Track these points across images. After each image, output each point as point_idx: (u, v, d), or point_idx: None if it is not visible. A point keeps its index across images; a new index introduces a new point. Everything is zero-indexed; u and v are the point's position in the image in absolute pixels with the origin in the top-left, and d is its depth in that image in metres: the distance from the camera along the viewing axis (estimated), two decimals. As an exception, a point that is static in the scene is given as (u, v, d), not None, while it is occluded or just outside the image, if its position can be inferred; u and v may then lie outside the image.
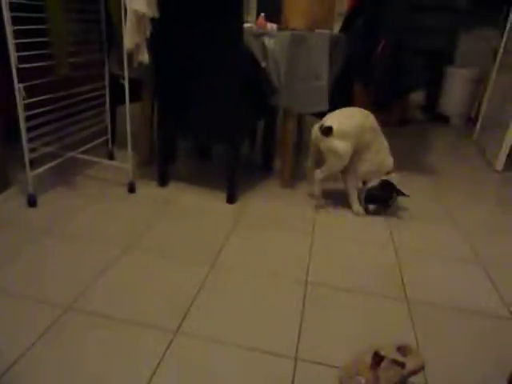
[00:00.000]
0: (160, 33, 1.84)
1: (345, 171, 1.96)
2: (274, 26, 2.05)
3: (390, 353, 1.10)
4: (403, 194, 1.95)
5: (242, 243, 1.67)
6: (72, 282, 1.36)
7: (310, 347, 1.18)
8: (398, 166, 2.07)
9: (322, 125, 1.85)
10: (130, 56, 1.81)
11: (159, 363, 1.08)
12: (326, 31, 2.22)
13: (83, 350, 1.11)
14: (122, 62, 1.81)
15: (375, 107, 2.24)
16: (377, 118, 1.96)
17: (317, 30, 2.16)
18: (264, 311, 1.31)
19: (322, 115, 1.95)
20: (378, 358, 1.06)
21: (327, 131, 1.82)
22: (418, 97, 4.17)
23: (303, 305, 1.35)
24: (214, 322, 1.24)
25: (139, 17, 1.67)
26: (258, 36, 1.89)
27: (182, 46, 1.84)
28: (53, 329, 1.16)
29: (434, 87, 4.04)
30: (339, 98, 2.26)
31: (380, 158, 1.94)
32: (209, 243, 1.65)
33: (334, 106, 2.03)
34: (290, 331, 1.23)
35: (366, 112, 1.93)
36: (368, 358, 1.08)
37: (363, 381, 1.03)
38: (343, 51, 2.34)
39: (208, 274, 1.46)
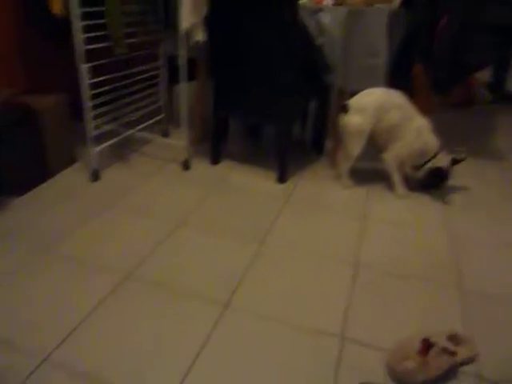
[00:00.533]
0: (216, 12, 1.84)
1: (382, 152, 1.92)
2: (330, 1, 1.99)
3: (441, 340, 1.08)
4: (458, 162, 1.88)
5: (291, 223, 1.69)
6: (130, 253, 1.45)
7: (358, 328, 1.18)
8: (460, 150, 1.97)
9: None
10: (187, 35, 1.84)
11: (209, 334, 1.14)
12: (385, 6, 2.12)
13: (139, 315, 1.19)
14: (178, 42, 1.85)
15: (436, 87, 2.13)
16: (438, 98, 1.87)
17: (375, 5, 2.07)
18: (312, 291, 1.32)
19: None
20: (427, 344, 1.05)
21: (344, 108, 1.83)
22: (483, 75, 3.89)
23: (352, 287, 1.35)
24: (263, 298, 1.28)
25: (196, -4, 1.68)
26: (314, 12, 1.85)
27: (238, 24, 1.84)
28: (112, 294, 1.26)
29: (503, 64, 3.75)
30: (397, 77, 2.17)
31: (421, 139, 1.86)
32: (258, 222, 1.68)
33: (391, 86, 1.96)
34: (338, 311, 1.24)
35: (392, 91, 1.86)
36: (416, 343, 1.07)
37: (411, 365, 1.03)
38: (403, 27, 2.22)
39: (257, 251, 1.50)
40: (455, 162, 1.87)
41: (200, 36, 1.80)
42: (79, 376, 1.00)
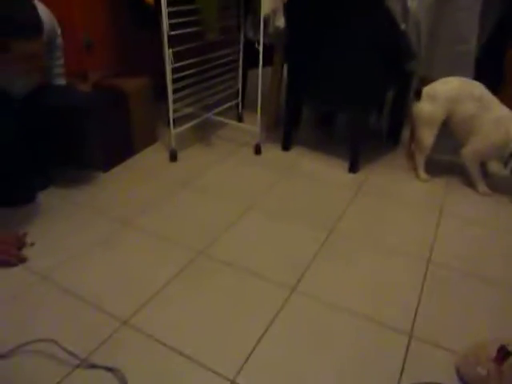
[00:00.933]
0: (296, -4, 1.83)
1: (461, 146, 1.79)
2: (419, -17, 1.87)
3: (520, 350, 1.01)
4: None
5: (362, 214, 1.66)
6: (204, 231, 1.52)
7: (427, 327, 1.15)
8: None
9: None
10: (266, 21, 1.85)
11: (275, 317, 1.17)
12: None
13: (210, 291, 1.25)
14: (258, 27, 1.87)
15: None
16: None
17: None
18: (381, 283, 1.30)
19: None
20: (504, 352, 0.99)
21: (417, 95, 1.77)
22: None
23: (423, 283, 1.30)
24: (330, 286, 1.29)
25: (279, -19, 1.68)
26: (400, -4, 1.76)
27: (319, 8, 1.80)
28: (187, 269, 1.34)
29: None
30: (488, 64, 2.01)
31: (502, 131, 1.69)
32: (328, 210, 1.67)
33: (481, 74, 1.82)
34: (407, 307, 1.21)
35: (470, 81, 1.73)
36: (492, 350, 1.02)
37: (484, 372, 0.98)
38: (497, 11, 2.03)
39: (326, 239, 1.50)
40: None
41: (280, 22, 1.80)
42: (152, 340, 1.08)
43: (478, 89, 1.73)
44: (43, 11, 1.33)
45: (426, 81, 1.92)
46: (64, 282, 1.26)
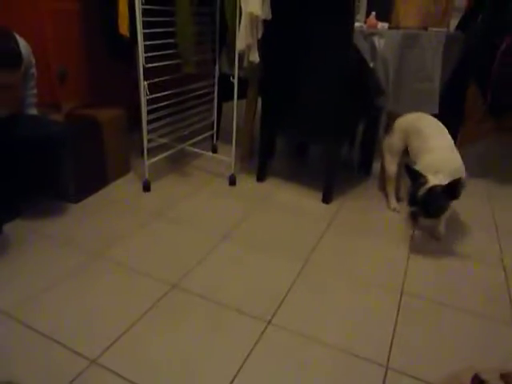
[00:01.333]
0: (270, 33, 1.90)
1: None
2: (385, 25, 1.99)
3: (492, 378, 1.02)
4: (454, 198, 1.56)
5: (336, 244, 1.68)
6: (177, 263, 1.49)
7: (403, 358, 1.15)
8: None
9: None
10: (240, 56, 1.91)
11: (252, 349, 1.14)
12: (442, 29, 2.09)
13: (184, 326, 1.22)
14: (233, 62, 1.92)
15: (493, 111, 2.06)
16: (493, 122, 1.81)
17: (431, 29, 2.05)
18: (355, 315, 1.30)
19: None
20: (478, 381, 1.00)
21: (387, 129, 1.97)
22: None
23: (397, 314, 1.31)
24: (306, 317, 1.28)
25: (253, 19, 1.75)
26: (368, 35, 1.86)
27: (291, 45, 1.88)
28: (159, 304, 1.30)
29: None
30: (451, 99, 2.12)
31: (429, 158, 1.69)
32: (302, 241, 1.68)
33: (444, 108, 1.92)
34: (382, 339, 1.21)
35: (421, 115, 1.85)
36: (466, 379, 1.02)
37: (460, 402, 0.98)
38: (459, 50, 2.18)
39: (301, 270, 1.50)
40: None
41: (254, 57, 1.86)
42: (123, 381, 1.03)
43: (421, 122, 1.81)
44: (21, 42, 1.33)
45: (394, 115, 2.01)
46: (28, 318, 1.20)
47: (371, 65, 1.87)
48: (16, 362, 1.06)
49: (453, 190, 1.51)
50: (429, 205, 1.54)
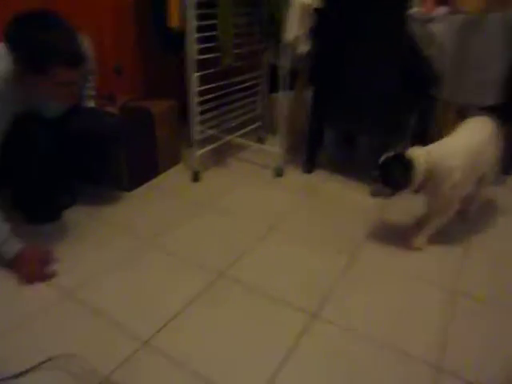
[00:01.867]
0: (321, 23, 1.86)
1: None
2: (444, 9, 1.88)
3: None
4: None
5: (385, 239, 1.63)
6: (224, 253, 1.52)
7: (456, 360, 1.10)
8: None
9: None
10: (289, 47, 1.89)
11: (296, 343, 1.15)
12: (505, 14, 1.95)
13: (230, 315, 1.24)
14: (281, 53, 1.90)
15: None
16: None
17: (494, 13, 1.92)
18: (405, 312, 1.27)
19: (490, 109, 1.75)
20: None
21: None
22: None
23: (450, 313, 1.26)
24: (353, 312, 1.26)
25: (304, 8, 1.72)
26: (424, 22, 1.77)
27: (342, 34, 1.84)
28: (206, 291, 1.33)
29: None
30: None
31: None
32: (350, 234, 1.65)
33: (507, 98, 1.80)
34: (434, 338, 1.17)
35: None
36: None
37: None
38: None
39: (347, 265, 1.48)
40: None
41: (304, 47, 1.83)
42: (172, 362, 1.08)
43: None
44: (83, 38, 1.40)
45: (450, 107, 1.91)
46: (86, 299, 1.28)
47: (427, 53, 1.78)
48: (72, 338, 1.13)
49: (408, 161, 1.42)
50: (382, 171, 1.48)
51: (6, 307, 1.24)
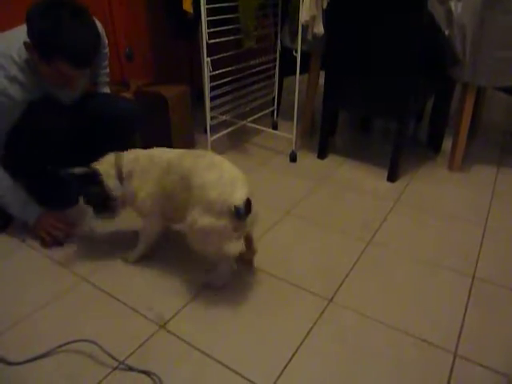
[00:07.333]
0: (335, 2, 1.81)
1: None
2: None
3: None
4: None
5: (401, 225, 1.61)
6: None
7: (473, 346, 1.09)
8: None
9: None
10: (304, 28, 1.84)
11: (312, 327, 1.14)
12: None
13: (246, 298, 1.24)
14: (295, 35, 1.86)
15: None
16: None
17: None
18: (422, 298, 1.25)
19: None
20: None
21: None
22: None
23: (468, 299, 1.24)
24: (369, 298, 1.25)
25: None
26: (444, 0, 1.71)
27: (358, 15, 1.78)
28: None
29: None
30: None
31: None
32: (366, 219, 1.63)
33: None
34: (451, 324, 1.16)
35: None
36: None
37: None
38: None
39: (364, 250, 1.46)
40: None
41: (318, 29, 1.79)
42: (188, 346, 1.08)
43: None
44: (99, 26, 1.38)
45: (470, 88, 1.85)
46: (104, 284, 1.29)
47: (446, 32, 1.72)
48: (94, 323, 1.15)
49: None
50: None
51: (22, 293, 1.27)
